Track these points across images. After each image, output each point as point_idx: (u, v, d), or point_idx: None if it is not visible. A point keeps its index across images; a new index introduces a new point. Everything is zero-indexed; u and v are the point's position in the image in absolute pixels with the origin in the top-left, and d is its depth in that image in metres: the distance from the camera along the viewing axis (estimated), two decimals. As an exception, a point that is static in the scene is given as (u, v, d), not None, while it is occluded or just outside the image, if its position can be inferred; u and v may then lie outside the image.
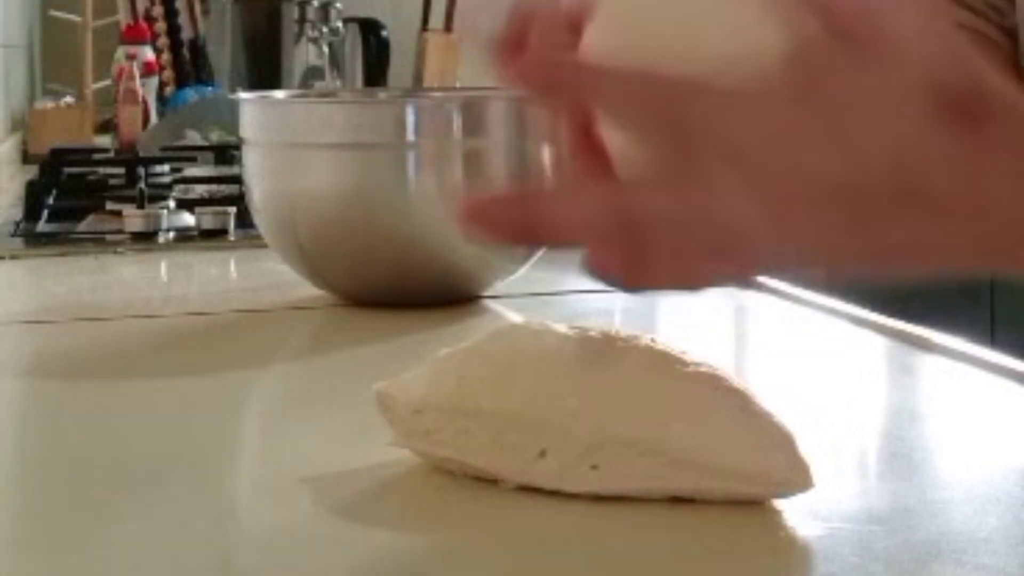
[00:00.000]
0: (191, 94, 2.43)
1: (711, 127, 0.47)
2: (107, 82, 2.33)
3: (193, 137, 2.00)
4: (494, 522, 0.58)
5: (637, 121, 0.48)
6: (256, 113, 1.04)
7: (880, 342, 0.91)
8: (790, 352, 0.94)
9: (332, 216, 0.99)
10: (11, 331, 1.00)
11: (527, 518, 0.58)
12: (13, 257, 1.28)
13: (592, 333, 0.62)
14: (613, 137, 0.51)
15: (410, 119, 0.98)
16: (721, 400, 0.59)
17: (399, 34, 3.06)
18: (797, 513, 0.57)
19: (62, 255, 1.28)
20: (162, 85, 2.51)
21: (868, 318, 0.94)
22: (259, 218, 1.05)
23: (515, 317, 1.00)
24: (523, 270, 1.04)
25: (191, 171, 1.70)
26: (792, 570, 0.54)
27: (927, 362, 0.86)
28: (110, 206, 1.46)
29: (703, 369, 0.60)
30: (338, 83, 2.84)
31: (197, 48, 2.70)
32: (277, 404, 0.85)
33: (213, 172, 1.71)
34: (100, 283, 1.18)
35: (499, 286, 1.04)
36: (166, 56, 2.63)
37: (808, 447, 0.58)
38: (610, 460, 0.58)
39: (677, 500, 0.58)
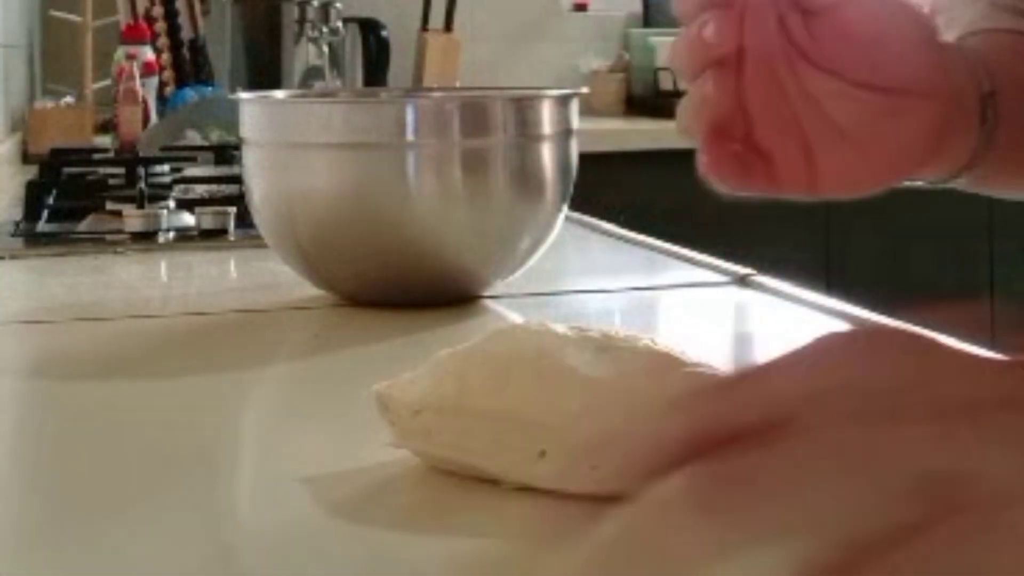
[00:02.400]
0: (191, 94, 2.43)
1: None
2: (107, 82, 2.34)
3: (193, 137, 2.00)
4: (494, 522, 0.58)
5: None
6: (256, 113, 1.04)
7: (880, 342, 0.91)
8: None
9: (332, 216, 0.99)
10: (11, 331, 1.00)
11: (527, 518, 0.58)
12: (13, 257, 1.29)
13: (592, 333, 0.63)
14: None
15: (410, 119, 0.98)
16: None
17: (399, 34, 3.07)
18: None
19: (62, 255, 1.28)
20: (162, 85, 2.51)
21: (868, 318, 0.94)
22: (259, 218, 1.05)
23: (515, 317, 1.00)
24: (522, 270, 1.04)
25: (191, 171, 1.70)
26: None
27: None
28: (110, 206, 1.46)
29: (702, 369, 0.60)
30: (338, 83, 2.84)
31: (197, 48, 2.70)
32: (277, 404, 0.85)
33: (213, 172, 1.71)
34: (100, 283, 1.18)
35: (499, 286, 1.04)
36: (166, 56, 2.64)
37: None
38: (609, 460, 0.58)
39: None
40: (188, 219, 1.40)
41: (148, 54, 2.31)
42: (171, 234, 1.35)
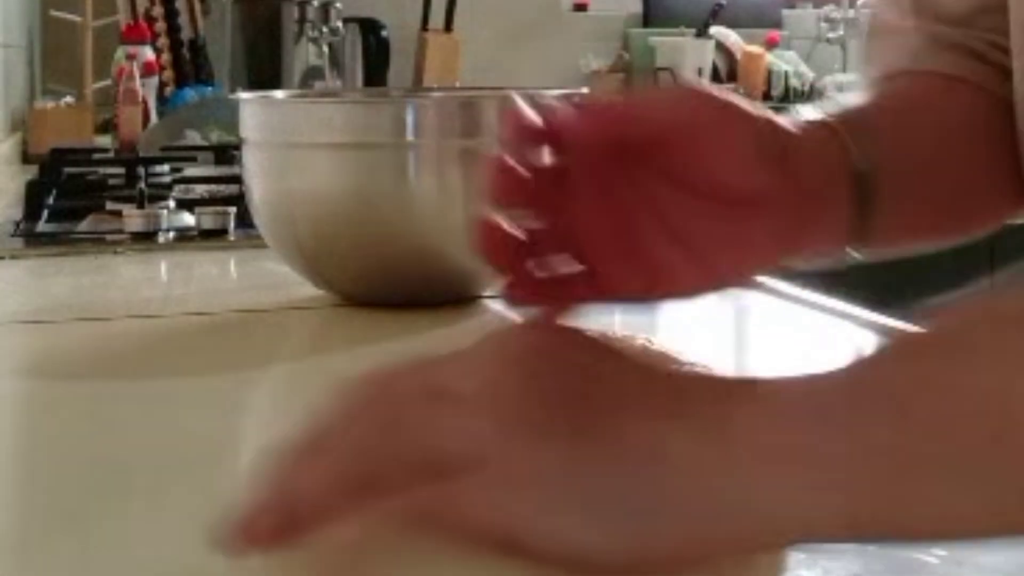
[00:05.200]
0: (191, 94, 2.43)
1: None
2: (107, 82, 2.33)
3: (193, 137, 2.00)
4: (493, 522, 0.58)
5: None
6: (256, 113, 1.04)
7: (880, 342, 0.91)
8: (788, 352, 0.94)
9: (332, 216, 0.99)
10: (11, 331, 1.00)
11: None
12: (13, 257, 1.29)
13: (588, 333, 0.62)
14: None
15: (410, 119, 0.98)
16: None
17: (399, 34, 3.07)
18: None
19: (62, 255, 1.28)
20: (162, 85, 2.51)
21: (868, 318, 0.94)
22: (259, 218, 1.05)
23: (515, 317, 1.00)
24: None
25: (191, 171, 1.71)
26: (790, 568, 0.54)
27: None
28: (110, 206, 1.46)
29: (698, 369, 0.60)
30: (338, 83, 2.84)
31: (197, 48, 2.70)
32: (277, 404, 0.85)
33: (213, 172, 1.71)
34: (100, 283, 1.18)
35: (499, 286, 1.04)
36: (166, 56, 2.63)
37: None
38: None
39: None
40: (188, 219, 1.40)
41: (148, 54, 2.31)
42: (171, 234, 1.35)
